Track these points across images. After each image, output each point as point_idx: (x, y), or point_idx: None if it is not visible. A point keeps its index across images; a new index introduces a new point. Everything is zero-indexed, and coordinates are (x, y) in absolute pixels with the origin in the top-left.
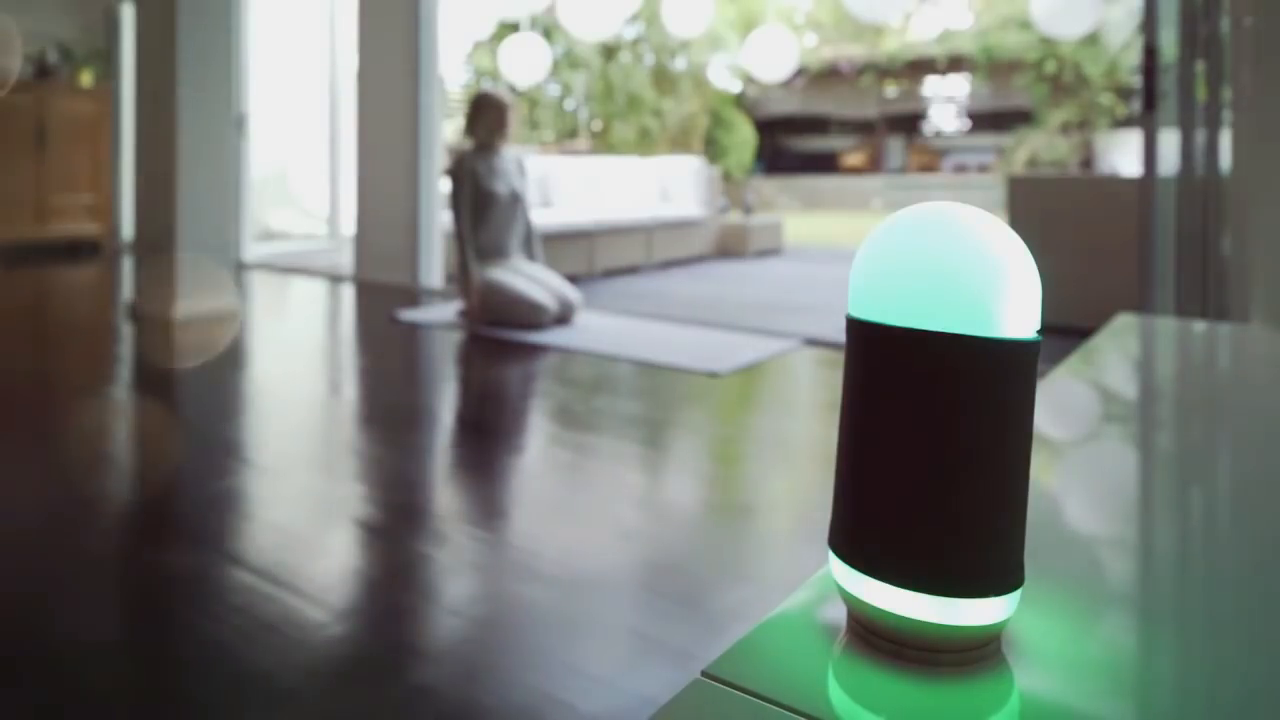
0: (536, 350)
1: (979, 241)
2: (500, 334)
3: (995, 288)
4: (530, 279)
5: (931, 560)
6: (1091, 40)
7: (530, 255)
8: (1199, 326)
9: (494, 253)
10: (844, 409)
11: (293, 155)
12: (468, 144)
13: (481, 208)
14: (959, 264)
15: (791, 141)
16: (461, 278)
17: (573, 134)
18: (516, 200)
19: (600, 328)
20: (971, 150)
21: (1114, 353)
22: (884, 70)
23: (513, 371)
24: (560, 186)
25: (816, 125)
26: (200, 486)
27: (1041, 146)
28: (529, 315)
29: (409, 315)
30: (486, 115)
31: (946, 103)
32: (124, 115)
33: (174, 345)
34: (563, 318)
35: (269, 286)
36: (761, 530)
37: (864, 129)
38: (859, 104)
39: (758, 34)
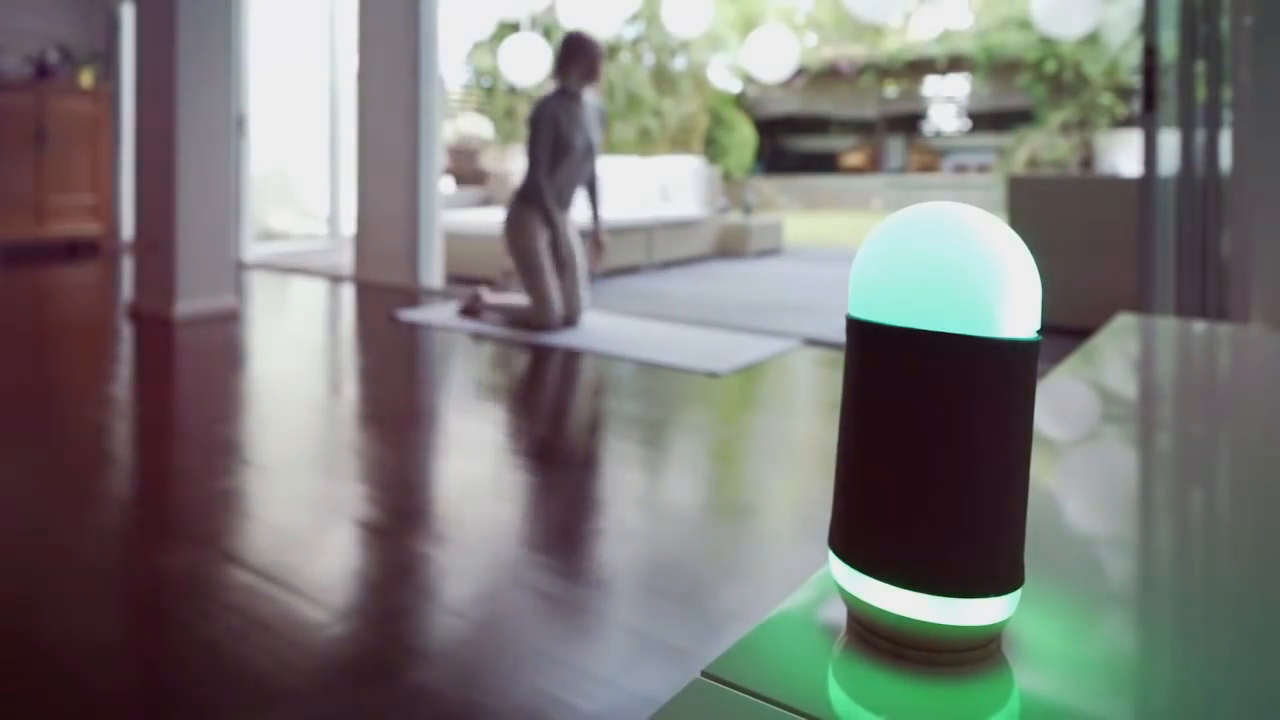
0: (536, 350)
1: (979, 241)
2: (500, 333)
3: (995, 288)
4: (557, 276)
5: (931, 560)
6: (1091, 40)
7: (593, 204)
8: (1199, 326)
9: (564, 200)
10: (844, 409)
11: (293, 155)
12: (553, 87)
13: (556, 156)
14: (959, 264)
15: (791, 141)
16: (514, 230)
17: None
18: (590, 153)
19: (601, 327)
20: (971, 150)
21: (1114, 353)
22: (884, 70)
23: (512, 371)
24: None
25: (816, 125)
26: (200, 486)
27: (1041, 146)
28: (536, 314)
29: (409, 315)
30: (579, 61)
31: (946, 103)
32: (124, 115)
33: (173, 345)
34: (567, 321)
35: (269, 286)
36: (761, 530)
37: (864, 129)
38: (859, 104)
39: (758, 34)
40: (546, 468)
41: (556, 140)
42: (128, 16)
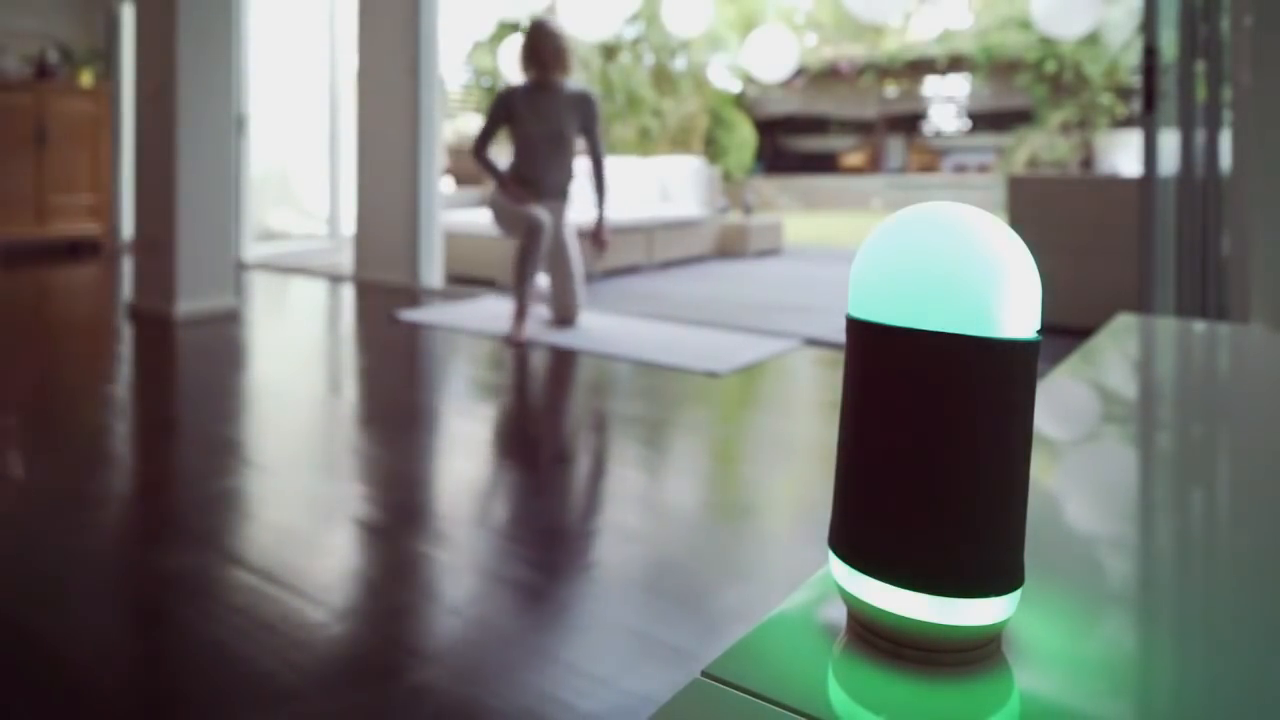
0: (536, 350)
1: (979, 241)
2: (500, 334)
3: (995, 288)
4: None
5: (931, 560)
6: (1091, 40)
7: (598, 200)
8: (1199, 326)
9: (532, 186)
10: (844, 409)
11: (293, 155)
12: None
13: (518, 142)
14: (959, 264)
15: (791, 141)
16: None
17: None
18: (558, 141)
19: (600, 327)
20: (971, 150)
21: (1114, 353)
22: (884, 70)
23: (513, 371)
24: None
25: (816, 125)
26: (200, 486)
27: (1041, 146)
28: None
29: (409, 315)
30: (522, 52)
31: (946, 103)
32: (124, 115)
33: (173, 345)
34: (564, 319)
35: (269, 286)
36: (761, 530)
37: (864, 129)
38: (859, 104)
39: (758, 34)
40: (546, 467)
41: (515, 128)
42: (128, 16)
